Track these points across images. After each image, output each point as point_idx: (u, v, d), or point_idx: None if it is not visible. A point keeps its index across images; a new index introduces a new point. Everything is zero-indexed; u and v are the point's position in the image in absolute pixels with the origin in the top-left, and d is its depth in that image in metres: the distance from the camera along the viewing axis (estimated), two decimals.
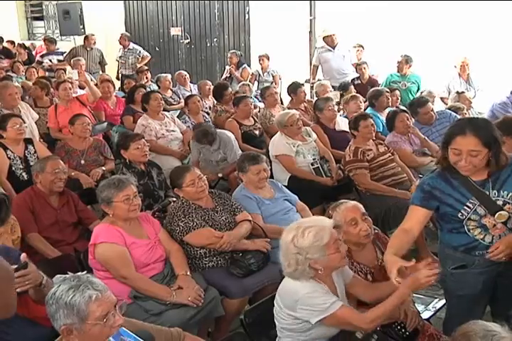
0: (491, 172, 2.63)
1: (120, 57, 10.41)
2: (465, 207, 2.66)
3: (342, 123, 5.96)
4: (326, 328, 2.56)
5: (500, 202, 2.64)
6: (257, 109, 7.04)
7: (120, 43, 10.37)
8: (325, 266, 2.51)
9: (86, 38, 10.36)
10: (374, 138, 5.08)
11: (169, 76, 8.40)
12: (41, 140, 5.94)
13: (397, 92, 7.11)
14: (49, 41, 10.67)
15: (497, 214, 2.62)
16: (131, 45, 10.43)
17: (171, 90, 8.26)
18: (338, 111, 6.33)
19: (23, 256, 2.34)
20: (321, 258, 2.47)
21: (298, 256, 2.46)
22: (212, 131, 5.39)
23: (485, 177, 2.65)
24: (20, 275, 2.23)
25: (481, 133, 2.53)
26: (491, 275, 2.79)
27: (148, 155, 4.75)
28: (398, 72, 7.90)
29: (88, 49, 10.27)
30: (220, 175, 5.34)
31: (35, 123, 6.15)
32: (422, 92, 7.14)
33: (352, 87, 7.68)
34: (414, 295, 3.22)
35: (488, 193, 2.64)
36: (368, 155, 4.85)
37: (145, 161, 4.65)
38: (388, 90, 6.86)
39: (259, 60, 9.55)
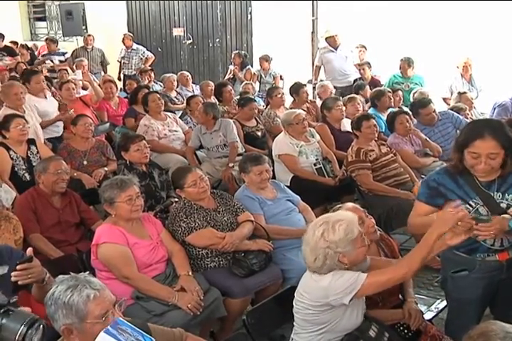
0: (504, 173, 2.63)
1: (123, 57, 10.41)
2: (467, 205, 2.65)
3: (347, 124, 5.96)
4: (356, 313, 2.57)
5: (503, 205, 2.64)
6: (258, 110, 7.03)
7: (124, 43, 10.38)
8: (352, 259, 2.52)
9: (84, 38, 10.39)
10: (376, 139, 5.07)
11: (174, 76, 8.40)
12: (46, 141, 5.97)
13: (400, 93, 7.09)
14: (51, 40, 10.68)
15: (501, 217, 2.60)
16: (135, 46, 10.44)
17: (175, 90, 8.27)
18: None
19: (29, 250, 2.35)
20: (351, 251, 2.49)
21: (327, 250, 2.47)
22: (218, 108, 5.86)
23: (492, 179, 2.65)
24: (24, 269, 2.25)
25: (499, 135, 2.53)
26: (491, 280, 2.77)
27: (149, 156, 4.73)
28: (402, 73, 7.87)
29: (88, 49, 10.29)
30: (231, 164, 5.41)
31: None
32: (414, 93, 7.10)
33: (367, 87, 7.56)
34: (417, 295, 3.22)
35: (492, 195, 2.64)
36: (371, 156, 4.84)
37: (146, 162, 4.65)
38: (390, 90, 6.85)
39: (259, 62, 9.57)
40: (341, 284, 2.46)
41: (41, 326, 1.86)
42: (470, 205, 2.65)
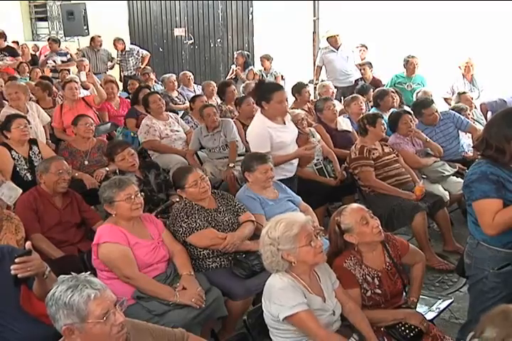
0: None
1: (120, 60, 10.51)
2: None
3: (343, 123, 5.96)
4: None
5: None
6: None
7: (115, 48, 10.45)
8: (298, 259, 2.60)
9: (92, 39, 10.45)
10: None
11: (174, 76, 8.42)
12: (49, 141, 5.99)
13: (398, 93, 7.07)
14: (53, 40, 10.72)
15: None
16: (128, 47, 10.49)
17: (176, 90, 8.28)
18: (341, 113, 6.31)
19: (28, 243, 2.37)
20: (293, 250, 2.58)
21: (271, 248, 2.59)
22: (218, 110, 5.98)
23: None
24: (23, 261, 2.25)
25: None
26: None
27: (137, 164, 4.57)
28: (408, 73, 7.83)
29: (95, 50, 10.36)
30: (231, 164, 5.42)
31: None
32: (417, 93, 7.07)
33: (371, 90, 7.29)
34: None
35: None
36: (373, 154, 4.84)
37: (134, 170, 4.52)
38: (394, 90, 6.83)
39: (261, 62, 9.57)
40: (283, 298, 2.55)
41: None
42: None
